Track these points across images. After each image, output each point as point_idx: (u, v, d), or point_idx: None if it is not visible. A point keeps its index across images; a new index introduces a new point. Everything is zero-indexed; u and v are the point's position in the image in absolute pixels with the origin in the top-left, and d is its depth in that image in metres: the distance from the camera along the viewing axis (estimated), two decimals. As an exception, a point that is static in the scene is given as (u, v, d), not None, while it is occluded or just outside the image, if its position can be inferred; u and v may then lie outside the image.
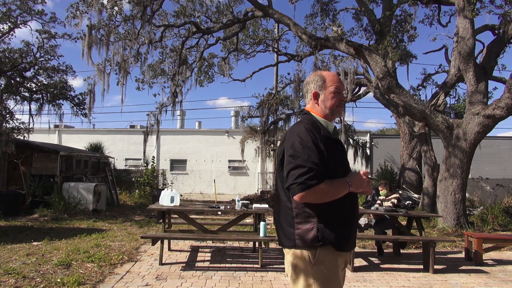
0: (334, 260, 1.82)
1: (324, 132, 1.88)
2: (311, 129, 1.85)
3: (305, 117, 2.00)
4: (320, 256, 1.79)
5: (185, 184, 22.05)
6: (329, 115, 1.98)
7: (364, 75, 12.66)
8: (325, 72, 2.06)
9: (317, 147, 1.78)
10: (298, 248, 1.82)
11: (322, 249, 1.79)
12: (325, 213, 1.80)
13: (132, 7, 11.15)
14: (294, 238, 1.82)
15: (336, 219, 1.82)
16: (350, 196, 1.87)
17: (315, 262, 1.79)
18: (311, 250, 1.79)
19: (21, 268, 4.63)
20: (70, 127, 25.32)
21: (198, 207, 6.41)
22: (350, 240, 1.89)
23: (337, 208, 1.82)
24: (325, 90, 1.97)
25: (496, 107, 8.18)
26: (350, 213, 1.89)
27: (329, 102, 1.96)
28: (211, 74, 16.18)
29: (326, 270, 1.79)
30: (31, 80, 13.03)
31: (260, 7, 11.16)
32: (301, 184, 1.70)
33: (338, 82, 1.99)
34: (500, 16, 9.95)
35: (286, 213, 1.87)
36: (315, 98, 1.99)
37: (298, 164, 1.74)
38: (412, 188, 12.96)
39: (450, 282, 4.74)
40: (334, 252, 1.81)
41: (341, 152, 1.93)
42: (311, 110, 2.02)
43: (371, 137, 22.39)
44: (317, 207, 1.79)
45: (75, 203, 10.20)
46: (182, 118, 33.15)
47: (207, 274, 4.78)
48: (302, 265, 1.81)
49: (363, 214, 6.14)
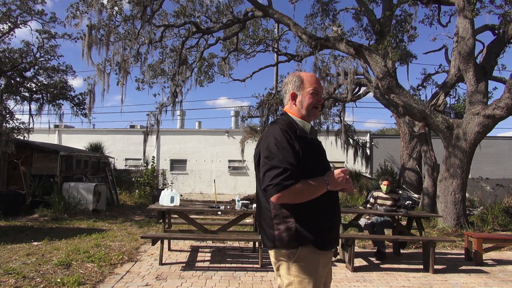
0: (315, 258, 1.83)
1: (300, 132, 1.88)
2: (287, 129, 1.85)
3: (282, 117, 2.01)
4: (300, 254, 1.81)
5: (185, 184, 22.05)
6: (306, 116, 1.98)
7: (364, 75, 12.66)
8: (304, 73, 2.06)
9: (292, 147, 1.79)
10: (278, 248, 1.84)
11: (302, 248, 1.81)
12: (302, 213, 1.81)
13: (132, 7, 11.15)
14: (274, 239, 1.83)
15: (314, 218, 1.83)
16: (329, 195, 1.86)
17: (295, 260, 1.81)
18: (291, 249, 1.81)
19: (21, 268, 4.63)
20: (70, 127, 25.32)
21: (198, 207, 6.41)
22: (330, 238, 1.89)
23: (314, 207, 1.82)
24: (302, 91, 1.97)
25: (496, 107, 8.18)
26: (329, 211, 1.89)
27: (306, 103, 1.96)
28: (211, 74, 16.18)
29: (306, 268, 1.81)
30: (31, 80, 13.04)
31: (260, 7, 11.16)
32: (276, 185, 1.70)
33: (316, 83, 1.99)
34: (500, 16, 9.95)
35: (266, 215, 1.88)
36: (293, 99, 2.00)
37: (273, 165, 1.74)
38: (412, 188, 12.96)
39: (450, 282, 4.74)
40: (315, 251, 1.82)
41: (318, 152, 1.94)
42: (289, 110, 2.02)
43: (371, 137, 22.40)
44: (294, 207, 1.79)
45: (75, 203, 10.19)
46: (182, 118, 33.14)
47: (207, 274, 4.78)
48: (283, 264, 1.84)
49: (363, 214, 6.14)
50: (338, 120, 16.44)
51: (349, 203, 13.32)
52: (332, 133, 16.95)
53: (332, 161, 20.35)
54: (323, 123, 16.75)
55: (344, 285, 4.48)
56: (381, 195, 6.15)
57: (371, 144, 21.47)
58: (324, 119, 16.75)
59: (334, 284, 4.50)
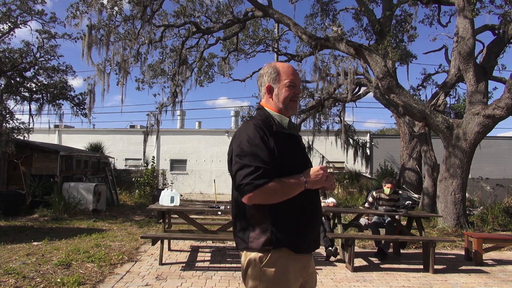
0: (286, 263, 1.71)
1: (277, 128, 1.77)
2: (261, 125, 1.74)
3: (258, 112, 1.90)
4: (271, 258, 1.69)
5: (185, 184, 22.05)
6: (283, 109, 1.85)
7: (364, 75, 12.67)
8: (280, 63, 1.92)
9: (266, 144, 1.68)
10: (250, 250, 1.73)
11: (275, 251, 1.69)
12: (278, 214, 1.70)
13: (132, 7, 11.16)
14: (248, 241, 1.73)
15: (291, 219, 1.71)
16: (308, 194, 1.74)
17: (264, 264, 1.69)
18: (264, 252, 1.70)
19: (21, 268, 4.63)
20: (70, 127, 25.33)
21: (198, 207, 6.41)
22: (308, 241, 1.77)
23: (292, 207, 1.71)
24: (279, 83, 1.84)
25: (496, 107, 8.18)
26: (307, 212, 1.76)
27: (282, 96, 1.83)
28: (211, 74, 16.20)
29: (274, 273, 1.69)
30: (31, 80, 13.04)
31: (260, 7, 11.16)
32: (248, 184, 1.60)
33: (292, 74, 1.85)
34: (500, 16, 9.96)
35: (240, 215, 1.78)
36: (269, 92, 1.87)
37: (244, 163, 1.64)
38: (412, 188, 12.96)
39: (450, 282, 4.74)
40: (289, 255, 1.71)
41: (297, 147, 1.83)
42: (265, 104, 1.89)
43: (371, 137, 22.41)
44: (270, 208, 1.68)
45: (75, 203, 10.19)
46: (182, 118, 33.14)
47: (207, 274, 4.78)
48: (252, 267, 1.72)
49: (363, 214, 6.13)
50: (338, 120, 16.45)
51: (349, 203, 13.32)
52: (332, 133, 16.96)
53: (332, 161, 20.35)
54: (323, 123, 16.76)
55: (344, 285, 4.48)
56: (383, 196, 6.15)
57: (371, 144, 21.47)
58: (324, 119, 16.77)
59: (334, 284, 4.51)
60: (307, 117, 15.36)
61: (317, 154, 17.58)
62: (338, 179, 17.41)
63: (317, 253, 6.10)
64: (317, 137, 16.71)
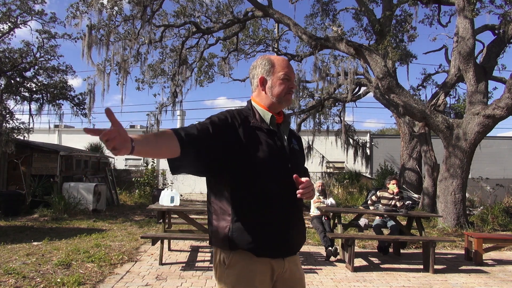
0: (248, 267, 1.58)
1: (255, 123, 1.68)
2: (234, 112, 1.70)
3: (245, 105, 1.83)
4: (232, 260, 1.59)
5: (185, 184, 22.00)
6: (276, 103, 1.75)
7: (364, 75, 12.67)
8: (274, 56, 1.84)
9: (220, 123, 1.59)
10: (215, 247, 1.67)
11: (235, 253, 1.58)
12: (243, 210, 1.59)
13: (132, 7, 11.16)
14: (211, 236, 1.67)
15: (256, 218, 1.59)
16: (283, 194, 1.63)
17: (227, 266, 1.59)
18: (224, 251, 1.61)
19: (21, 268, 4.63)
20: (70, 127, 25.31)
21: (198, 207, 6.40)
22: (275, 243, 1.61)
23: (261, 205, 1.59)
24: (273, 76, 1.75)
25: (496, 107, 8.18)
26: (274, 209, 1.61)
27: (276, 89, 1.73)
28: (211, 74, 16.20)
29: (237, 277, 1.57)
30: (31, 80, 13.03)
31: (260, 7, 11.16)
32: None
33: (287, 67, 1.77)
34: (500, 16, 9.95)
35: (208, 208, 1.74)
36: (262, 85, 1.77)
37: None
38: (412, 188, 12.96)
39: (450, 282, 4.74)
40: (252, 258, 1.58)
41: (271, 144, 1.67)
42: (255, 99, 1.80)
43: (371, 137, 22.40)
44: (235, 203, 1.59)
45: (75, 203, 10.19)
46: (182, 118, 33.08)
47: (207, 274, 4.78)
48: (218, 267, 1.64)
49: (363, 214, 6.14)
50: (338, 120, 16.46)
51: (349, 203, 13.32)
52: (332, 133, 16.96)
53: (332, 161, 20.35)
54: (323, 123, 16.77)
55: (344, 285, 4.48)
56: (386, 195, 6.14)
57: (371, 144, 21.47)
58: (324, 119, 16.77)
59: (334, 284, 4.51)
60: (307, 117, 15.36)
61: (317, 154, 17.58)
62: (338, 179, 17.43)
63: (317, 253, 6.10)
64: (317, 137, 16.71)
